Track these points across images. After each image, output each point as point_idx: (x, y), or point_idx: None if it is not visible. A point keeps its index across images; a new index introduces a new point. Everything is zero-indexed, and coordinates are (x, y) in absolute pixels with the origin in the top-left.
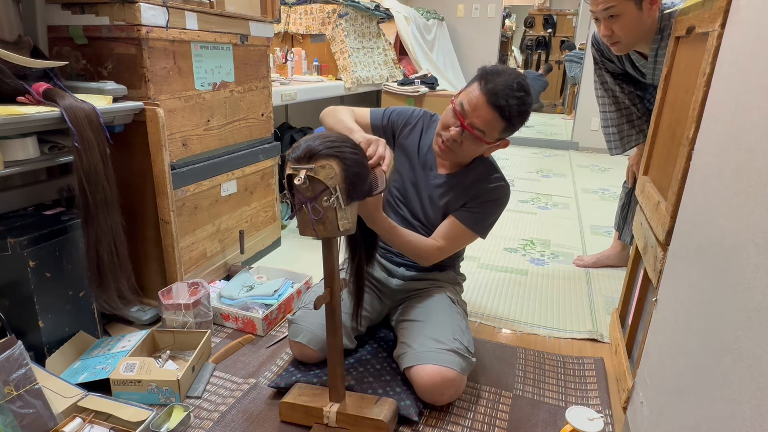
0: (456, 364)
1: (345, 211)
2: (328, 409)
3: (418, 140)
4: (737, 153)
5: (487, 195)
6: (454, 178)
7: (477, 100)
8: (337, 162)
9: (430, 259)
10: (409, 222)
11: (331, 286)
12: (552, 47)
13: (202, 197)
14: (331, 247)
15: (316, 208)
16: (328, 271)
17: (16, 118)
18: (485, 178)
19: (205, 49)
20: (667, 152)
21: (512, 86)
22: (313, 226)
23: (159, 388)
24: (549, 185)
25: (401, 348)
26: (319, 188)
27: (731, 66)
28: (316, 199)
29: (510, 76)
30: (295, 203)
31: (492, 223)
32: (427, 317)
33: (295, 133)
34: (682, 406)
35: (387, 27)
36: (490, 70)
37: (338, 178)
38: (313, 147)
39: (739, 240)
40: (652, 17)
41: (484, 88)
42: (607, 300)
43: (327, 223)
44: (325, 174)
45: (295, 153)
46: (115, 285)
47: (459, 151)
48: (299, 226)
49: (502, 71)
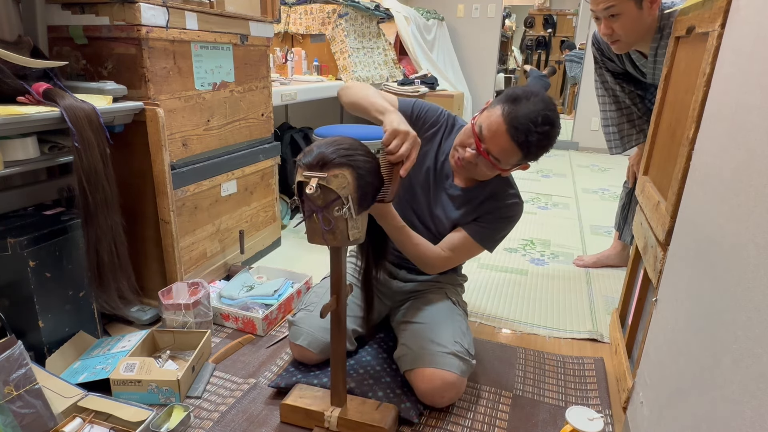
0: (456, 367)
1: (356, 221)
2: (329, 414)
3: (437, 146)
4: (737, 153)
5: (501, 212)
6: (469, 192)
7: (497, 128)
8: (350, 171)
9: (434, 266)
10: (415, 225)
11: (337, 293)
12: (552, 47)
13: (202, 197)
14: (339, 256)
15: (326, 218)
16: (335, 278)
17: (16, 118)
18: (501, 195)
19: (205, 49)
20: (667, 152)
21: (536, 120)
22: (323, 235)
23: (159, 388)
24: (549, 185)
25: (401, 350)
26: (331, 197)
27: (731, 66)
28: (326, 209)
29: (536, 106)
30: (305, 211)
31: (501, 238)
32: (427, 319)
33: (295, 133)
34: (682, 406)
35: (387, 27)
36: (515, 96)
37: (351, 188)
38: (326, 155)
39: (739, 240)
40: (652, 16)
41: (506, 116)
42: (607, 300)
43: (337, 232)
44: (337, 184)
45: (306, 159)
46: (115, 285)
47: (473, 171)
48: (308, 234)
49: (528, 98)
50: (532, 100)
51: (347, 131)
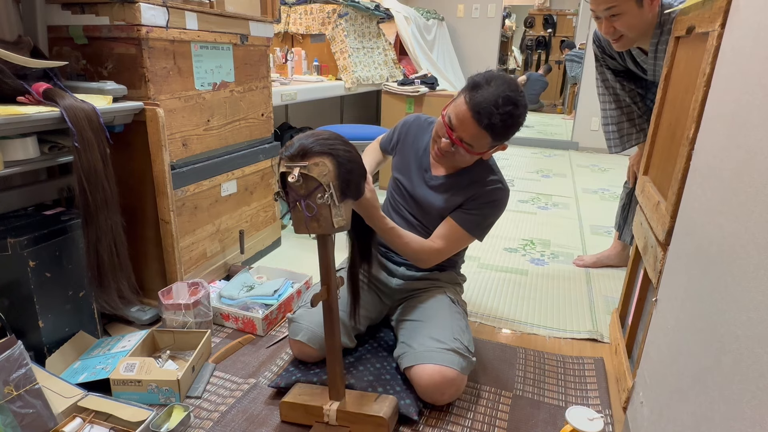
0: (456, 363)
1: (339, 208)
2: (328, 408)
3: (413, 143)
4: (737, 153)
5: (485, 197)
6: (450, 179)
7: (463, 115)
8: (330, 159)
9: (428, 260)
10: (410, 222)
11: (327, 283)
12: (552, 47)
13: (202, 197)
14: (326, 245)
15: (310, 206)
16: (324, 268)
17: (16, 118)
18: (482, 180)
19: (205, 49)
20: (667, 152)
21: (497, 102)
22: (307, 223)
23: (159, 388)
24: (549, 185)
25: (401, 348)
26: (313, 185)
27: (731, 66)
28: (309, 197)
29: (497, 89)
30: (289, 201)
31: (489, 225)
32: (427, 317)
33: (295, 133)
34: (682, 406)
35: (387, 27)
36: (476, 82)
37: (331, 175)
38: (306, 145)
39: (739, 240)
40: (653, 12)
41: (469, 103)
42: (607, 300)
43: (321, 220)
44: (318, 171)
45: (288, 151)
46: (115, 285)
47: (453, 160)
48: (294, 224)
49: (489, 82)
50: (493, 84)
51: (347, 131)
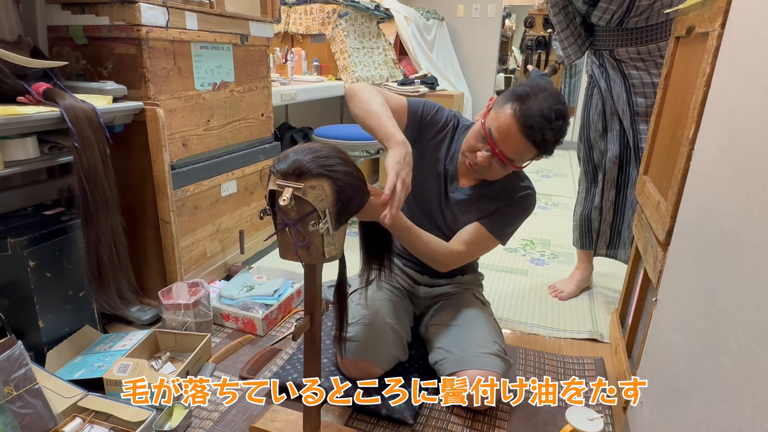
0: (499, 367)
1: (333, 236)
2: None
3: (441, 147)
4: (737, 153)
5: (516, 204)
6: (479, 190)
7: (509, 129)
8: (329, 183)
9: (448, 264)
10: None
11: (311, 312)
12: (552, 47)
13: (202, 197)
14: (314, 273)
15: (300, 233)
16: (310, 297)
17: (16, 118)
18: (513, 187)
19: (205, 49)
20: (667, 152)
21: (550, 117)
22: (297, 251)
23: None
24: (549, 185)
25: (439, 354)
26: (306, 210)
27: (731, 66)
28: (301, 222)
29: (547, 102)
30: (277, 223)
31: (515, 229)
32: (462, 321)
33: (295, 133)
34: (682, 406)
35: (387, 27)
36: (524, 93)
37: (329, 201)
38: (303, 163)
39: (739, 240)
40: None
41: (518, 116)
42: (607, 300)
43: (312, 249)
44: (314, 195)
45: (281, 166)
46: (115, 285)
47: (486, 173)
48: (280, 249)
49: (536, 94)
50: (541, 95)
51: (347, 131)
